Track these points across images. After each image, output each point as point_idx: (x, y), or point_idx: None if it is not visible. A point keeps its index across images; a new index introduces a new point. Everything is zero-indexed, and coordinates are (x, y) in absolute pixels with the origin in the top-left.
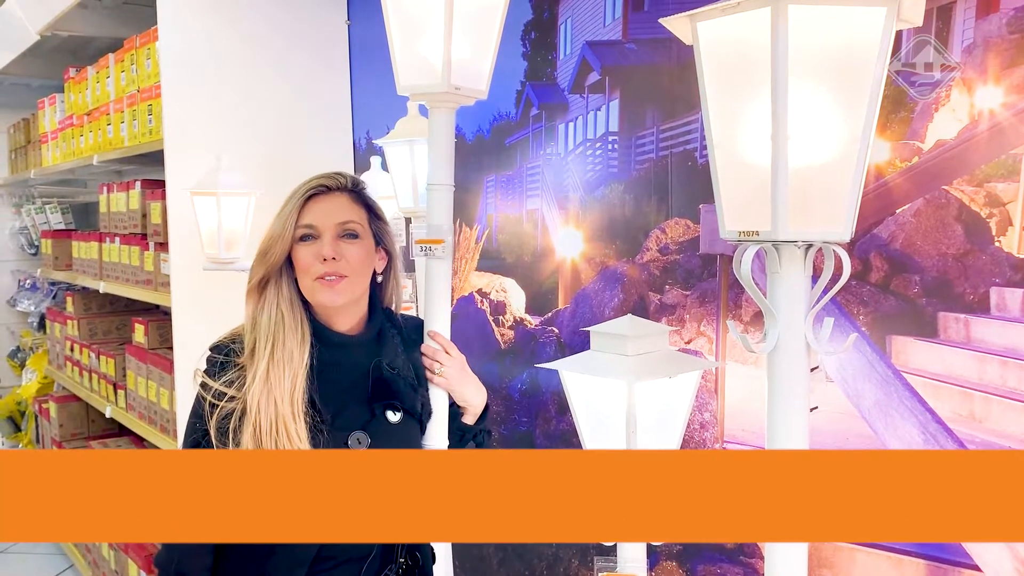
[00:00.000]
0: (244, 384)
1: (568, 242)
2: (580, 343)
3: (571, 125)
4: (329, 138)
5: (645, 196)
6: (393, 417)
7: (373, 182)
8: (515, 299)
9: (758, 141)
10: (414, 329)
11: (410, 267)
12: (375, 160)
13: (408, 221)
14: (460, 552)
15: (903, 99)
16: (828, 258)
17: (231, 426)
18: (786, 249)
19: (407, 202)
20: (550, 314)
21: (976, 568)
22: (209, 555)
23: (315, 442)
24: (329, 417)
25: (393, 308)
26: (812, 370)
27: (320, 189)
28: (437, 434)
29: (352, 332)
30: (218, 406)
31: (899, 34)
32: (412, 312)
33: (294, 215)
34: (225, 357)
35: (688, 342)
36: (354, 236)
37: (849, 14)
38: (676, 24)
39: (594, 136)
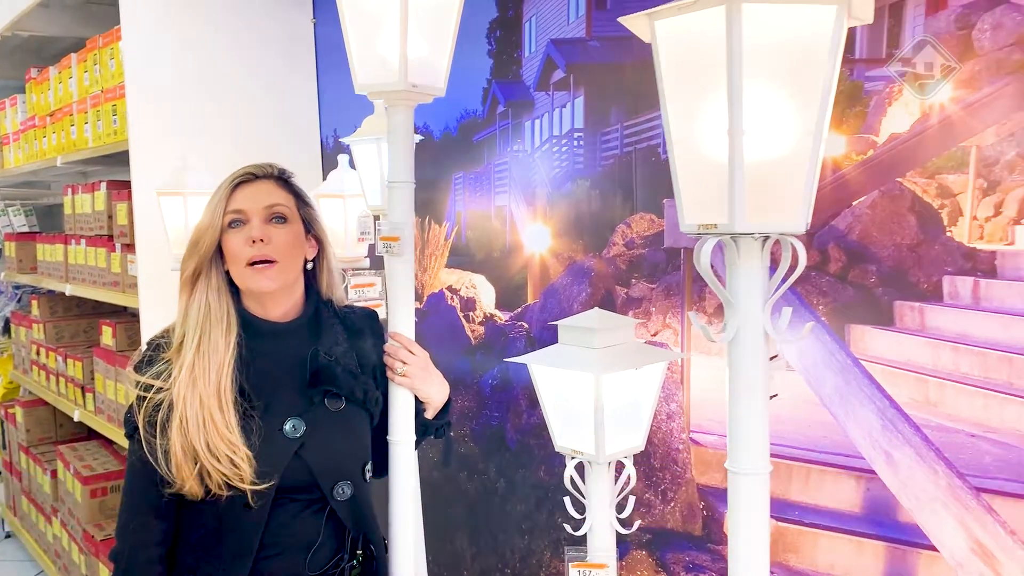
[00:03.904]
0: (171, 376)
1: (536, 238)
2: (550, 337)
3: (537, 122)
4: (297, 136)
5: (611, 191)
6: (334, 405)
7: (341, 180)
8: (485, 295)
9: (715, 136)
10: (361, 318)
11: (379, 264)
12: (342, 158)
13: (376, 218)
14: (433, 547)
15: (858, 94)
16: (786, 249)
17: (159, 418)
18: (744, 241)
19: (375, 199)
20: (520, 309)
21: (933, 549)
22: (159, 546)
23: (247, 431)
24: (261, 404)
25: (335, 300)
26: (771, 359)
27: (247, 177)
28: (401, 430)
29: (285, 319)
30: (146, 399)
31: (852, 31)
32: (381, 310)
33: (223, 203)
34: (153, 352)
35: (654, 334)
36: (282, 219)
37: (801, 12)
38: (635, 23)
39: (560, 133)
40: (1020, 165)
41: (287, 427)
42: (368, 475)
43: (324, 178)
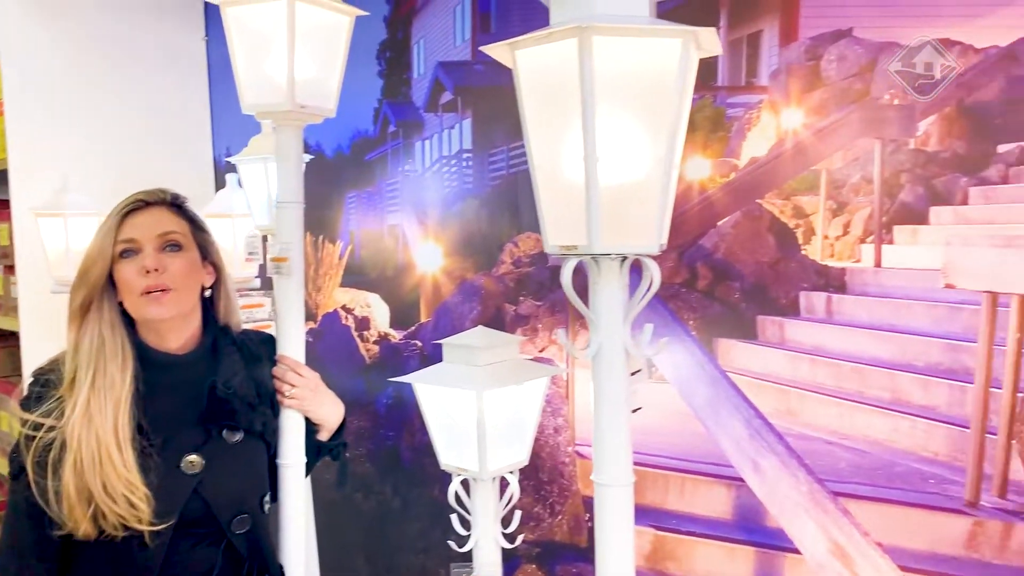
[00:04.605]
0: (63, 415)
1: (428, 256)
2: (442, 356)
3: (428, 142)
4: (187, 155)
5: (498, 211)
6: (232, 437)
7: (229, 200)
8: (379, 314)
9: (573, 162)
10: (258, 344)
11: (269, 284)
12: (231, 177)
13: (265, 239)
14: (330, 569)
15: (721, 119)
16: (647, 269)
17: (50, 459)
18: (603, 261)
19: (263, 219)
20: (413, 328)
21: (797, 552)
22: None
23: (145, 469)
24: (159, 441)
25: (232, 325)
26: (633, 373)
27: (138, 204)
28: (292, 453)
29: (182, 351)
30: (35, 438)
31: (713, 60)
32: (271, 331)
33: (113, 232)
34: (42, 388)
35: (541, 350)
36: (177, 247)
37: (650, 44)
38: (498, 51)
39: (449, 153)
40: (864, 187)
41: (183, 466)
42: (266, 506)
43: None
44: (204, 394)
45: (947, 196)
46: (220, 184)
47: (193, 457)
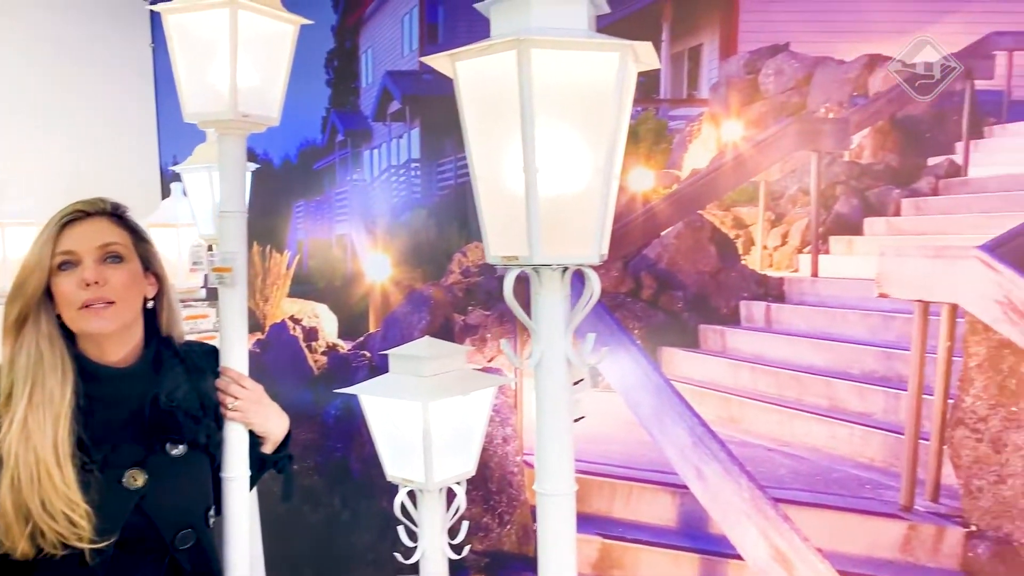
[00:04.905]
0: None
1: (377, 267)
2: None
3: (376, 152)
4: (133, 162)
5: (447, 221)
6: (175, 450)
7: (174, 209)
8: (327, 324)
9: (513, 173)
10: (201, 355)
11: (215, 295)
12: (176, 186)
13: (210, 248)
14: None
15: (663, 132)
16: (588, 279)
17: None
18: (544, 272)
19: (208, 229)
20: (362, 338)
21: (739, 558)
22: None
23: (85, 485)
24: (100, 457)
25: (175, 337)
26: (575, 383)
27: (78, 215)
28: (236, 466)
29: (124, 363)
30: None
31: (655, 73)
32: (215, 342)
33: (51, 243)
34: None
35: (490, 360)
36: (118, 259)
37: (588, 57)
38: (439, 62)
39: (398, 163)
40: (802, 199)
41: (127, 478)
42: (211, 520)
43: None
44: (147, 407)
45: (880, 207)
46: (167, 192)
47: (135, 472)
